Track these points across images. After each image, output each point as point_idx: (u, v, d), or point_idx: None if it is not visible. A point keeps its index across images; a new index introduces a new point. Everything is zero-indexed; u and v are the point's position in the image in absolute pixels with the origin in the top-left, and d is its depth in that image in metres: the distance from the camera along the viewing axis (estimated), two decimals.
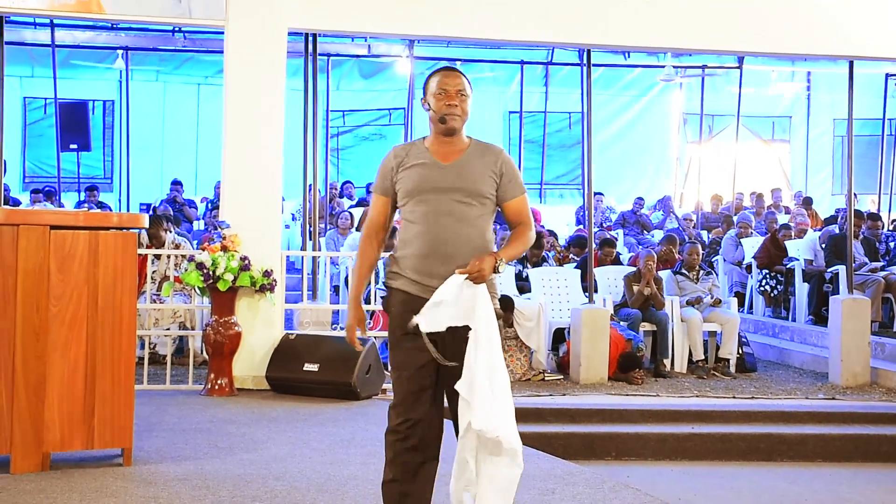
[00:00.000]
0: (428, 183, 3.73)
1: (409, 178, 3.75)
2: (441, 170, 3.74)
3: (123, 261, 5.03)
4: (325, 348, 7.48)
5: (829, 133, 18.58)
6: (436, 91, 3.77)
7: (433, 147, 3.81)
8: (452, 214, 3.70)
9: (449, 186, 3.72)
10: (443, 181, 3.72)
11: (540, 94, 16.82)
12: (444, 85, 3.77)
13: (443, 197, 3.72)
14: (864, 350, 9.00)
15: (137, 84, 15.46)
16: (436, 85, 3.78)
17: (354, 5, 7.90)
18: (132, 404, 5.07)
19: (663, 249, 10.56)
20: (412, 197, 3.75)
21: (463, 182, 3.73)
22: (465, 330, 3.59)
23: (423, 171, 3.75)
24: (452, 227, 3.70)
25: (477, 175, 3.75)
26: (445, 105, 3.75)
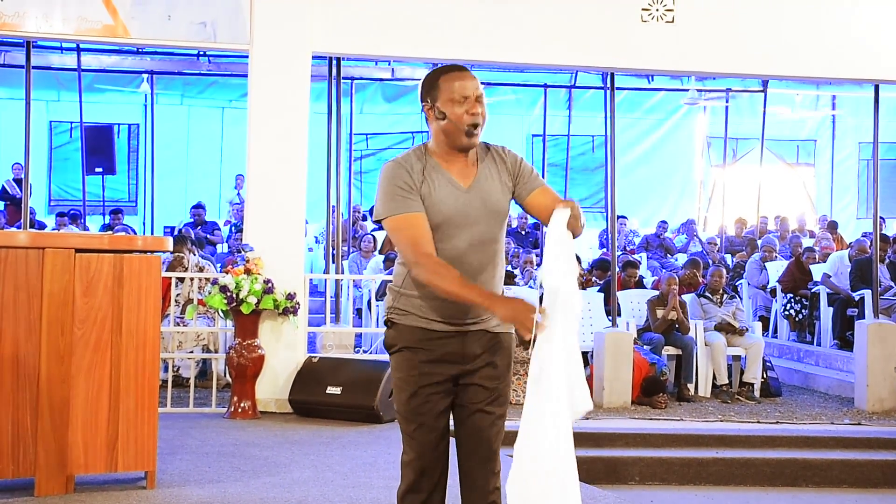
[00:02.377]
0: (455, 214, 3.18)
1: (433, 208, 3.17)
2: (465, 195, 3.21)
3: (148, 284, 5.04)
4: (348, 371, 7.49)
5: (855, 157, 18.51)
6: (454, 96, 3.19)
7: (446, 163, 3.24)
8: (480, 247, 3.21)
9: (475, 215, 3.20)
10: (468, 209, 3.20)
11: (563, 117, 16.83)
12: (464, 90, 3.19)
13: (469, 230, 3.20)
14: (890, 375, 8.91)
15: (162, 108, 15.60)
16: (453, 89, 3.19)
17: (378, 29, 7.95)
18: (156, 427, 5.06)
19: (687, 273, 10.52)
20: (440, 230, 3.18)
21: (487, 207, 3.22)
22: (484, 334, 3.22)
23: (448, 198, 3.19)
24: (480, 262, 3.22)
25: (498, 193, 3.24)
26: (469, 114, 3.19)
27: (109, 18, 7.52)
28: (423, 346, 3.22)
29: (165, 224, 14.52)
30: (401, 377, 3.27)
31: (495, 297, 3.11)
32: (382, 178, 3.22)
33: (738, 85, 15.89)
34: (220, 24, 7.72)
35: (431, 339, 3.22)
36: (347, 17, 7.89)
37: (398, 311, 3.27)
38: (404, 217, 3.16)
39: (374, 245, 12.64)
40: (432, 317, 3.21)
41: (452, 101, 3.19)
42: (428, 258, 3.13)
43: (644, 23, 8.08)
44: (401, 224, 3.16)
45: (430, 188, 3.19)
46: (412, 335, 3.24)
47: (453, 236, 3.19)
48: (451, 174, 3.23)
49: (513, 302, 3.04)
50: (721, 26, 8.24)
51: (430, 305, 3.21)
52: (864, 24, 8.41)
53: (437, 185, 3.20)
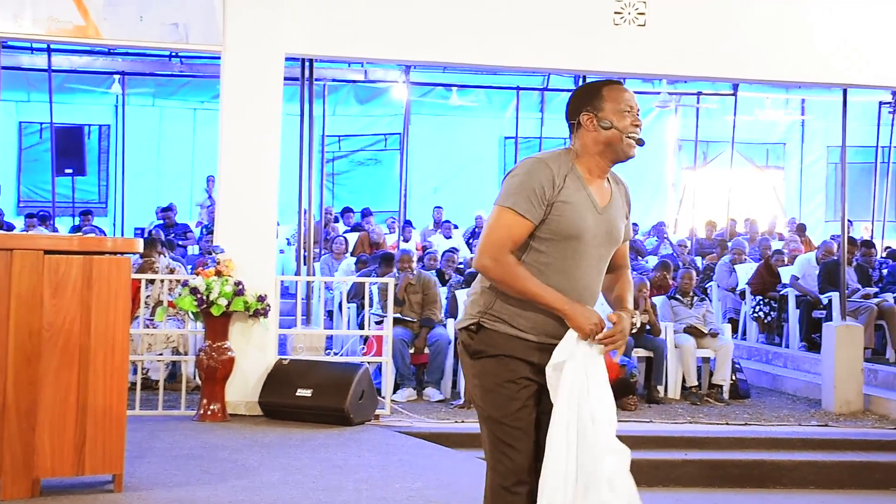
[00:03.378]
0: (588, 232, 3.16)
1: (569, 219, 3.13)
2: (599, 216, 3.19)
3: (117, 286, 5.00)
4: (319, 374, 7.47)
5: (823, 160, 18.69)
6: (622, 107, 3.17)
7: (589, 177, 3.21)
8: (595, 272, 3.23)
9: (602, 238, 3.20)
10: (598, 230, 3.18)
11: (536, 119, 16.85)
12: (630, 101, 3.19)
13: (594, 251, 3.20)
14: (857, 377, 9.00)
15: (133, 109, 15.53)
16: (619, 101, 3.18)
17: (351, 31, 7.94)
18: (124, 430, 5.03)
19: (657, 275, 10.58)
20: (565, 242, 3.15)
21: (612, 235, 3.23)
22: None
23: (586, 213, 3.15)
24: (592, 283, 3.22)
25: (620, 222, 3.27)
26: (633, 125, 3.19)
27: (80, 19, 7.46)
28: (518, 354, 3.18)
29: (136, 226, 14.45)
30: (499, 382, 3.18)
31: (576, 305, 3.12)
32: (525, 171, 3.15)
33: (708, 88, 16.01)
34: (193, 25, 7.68)
35: (523, 349, 3.18)
36: (320, 19, 7.87)
37: (492, 317, 3.20)
38: (520, 217, 3.12)
39: (346, 247, 12.63)
40: (527, 328, 3.17)
41: (620, 111, 3.18)
42: (510, 258, 3.12)
43: (616, 26, 8.11)
44: (511, 221, 3.12)
45: (571, 196, 3.15)
46: (507, 342, 3.18)
47: (582, 254, 3.17)
48: (595, 194, 3.20)
49: (588, 312, 3.10)
50: (692, 30, 8.28)
51: (530, 315, 3.16)
52: (832, 30, 8.48)
53: (577, 196, 3.16)
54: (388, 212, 16.39)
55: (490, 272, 3.15)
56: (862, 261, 11.32)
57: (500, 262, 3.11)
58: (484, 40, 8.09)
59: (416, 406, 8.40)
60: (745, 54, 8.43)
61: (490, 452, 3.22)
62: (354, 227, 14.80)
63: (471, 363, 3.24)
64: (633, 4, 8.07)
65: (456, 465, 6.27)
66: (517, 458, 3.16)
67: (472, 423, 7.74)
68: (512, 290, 3.13)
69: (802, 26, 8.46)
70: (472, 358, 3.23)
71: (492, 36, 8.08)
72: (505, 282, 3.13)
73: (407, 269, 9.17)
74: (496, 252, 3.12)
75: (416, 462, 6.24)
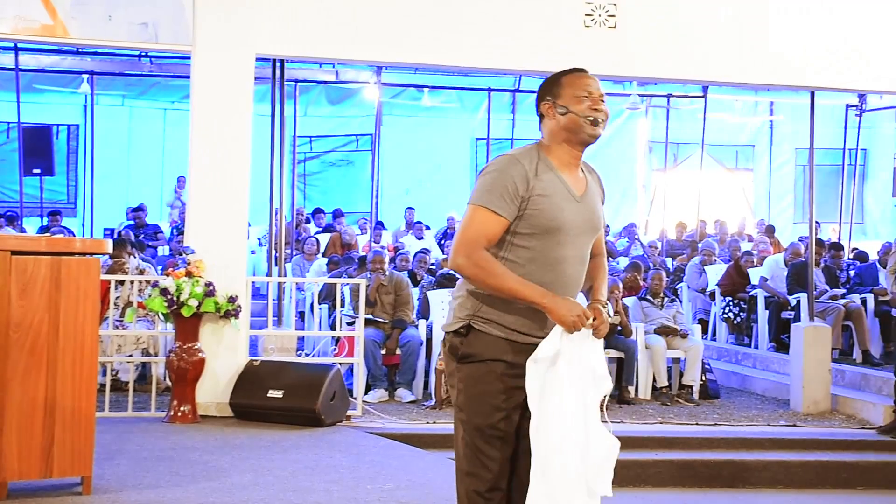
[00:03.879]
0: (567, 222, 3.15)
1: (547, 212, 3.12)
2: (577, 205, 3.19)
3: (86, 287, 4.97)
4: (290, 375, 7.45)
5: (792, 162, 18.86)
6: (578, 93, 3.18)
7: (562, 166, 3.21)
8: (579, 261, 3.21)
9: (583, 226, 3.20)
10: (579, 219, 3.18)
11: (507, 121, 16.91)
12: (588, 87, 3.20)
13: (576, 240, 3.19)
14: (824, 377, 9.08)
15: (103, 108, 15.41)
16: (577, 86, 3.20)
17: (322, 32, 7.92)
18: (93, 432, 4.99)
19: (628, 276, 10.64)
20: (546, 235, 3.14)
21: (594, 222, 3.24)
22: None
23: (564, 204, 3.15)
24: (576, 276, 3.21)
25: (600, 210, 3.28)
26: (592, 108, 3.19)
27: (48, 18, 7.39)
28: (507, 357, 3.14)
29: (105, 226, 14.34)
30: (484, 391, 3.14)
31: (556, 297, 3.07)
32: (497, 168, 3.14)
33: (679, 90, 16.09)
34: (162, 24, 7.63)
35: (513, 351, 3.14)
36: (292, 20, 7.84)
37: (481, 319, 3.16)
38: (493, 215, 3.10)
39: (318, 248, 12.60)
40: (516, 327, 3.14)
41: (576, 97, 3.19)
42: (484, 254, 3.09)
43: (587, 28, 8.14)
44: (485, 219, 3.10)
45: (546, 189, 3.14)
46: (496, 346, 3.15)
47: (564, 244, 3.16)
48: (567, 179, 3.20)
49: (570, 304, 3.07)
50: (662, 32, 8.33)
51: (517, 315, 3.13)
52: (800, 33, 8.55)
53: (553, 187, 3.16)
54: (359, 213, 16.37)
55: (464, 270, 3.11)
56: (830, 262, 11.43)
57: (473, 259, 3.08)
58: (455, 41, 8.10)
59: (388, 407, 8.40)
60: (715, 57, 8.49)
61: (466, 458, 3.19)
62: (326, 228, 14.77)
63: (457, 367, 3.20)
64: (603, 7, 8.11)
65: (427, 466, 6.28)
66: (494, 466, 3.15)
67: (443, 423, 7.75)
68: (487, 288, 3.10)
69: (771, 30, 8.53)
70: (460, 362, 3.19)
71: (463, 37, 8.09)
72: (479, 278, 3.09)
73: (379, 269, 9.17)
74: (469, 250, 3.09)
75: (387, 463, 6.24)
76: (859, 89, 11.01)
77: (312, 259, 12.14)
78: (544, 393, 3.06)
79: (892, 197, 15.65)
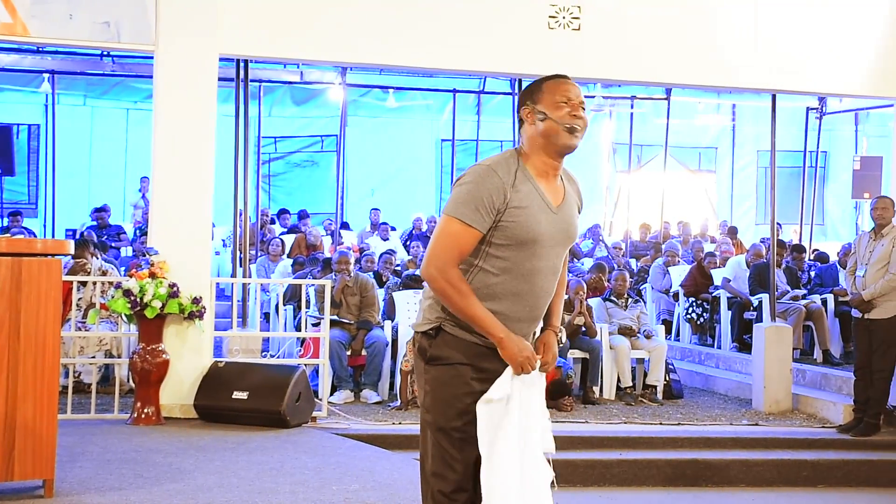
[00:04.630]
0: (543, 234, 3.15)
1: (523, 224, 3.11)
2: (553, 216, 3.18)
3: (48, 288, 4.94)
4: (255, 376, 7.42)
5: (754, 164, 19.05)
6: (557, 100, 3.16)
7: (540, 175, 3.20)
8: (552, 272, 3.22)
9: (559, 238, 3.21)
10: (554, 231, 3.19)
11: (472, 122, 16.96)
12: (568, 93, 3.17)
13: (550, 252, 3.19)
14: (786, 377, 9.16)
15: (64, 108, 15.29)
16: (557, 92, 3.18)
17: (287, 32, 7.90)
18: (55, 434, 4.96)
19: (593, 277, 10.69)
20: (521, 247, 3.14)
21: (570, 233, 3.26)
22: None
23: (540, 216, 3.15)
24: (548, 287, 3.23)
25: (576, 220, 3.30)
26: (571, 115, 3.17)
27: (8, 16, 7.32)
28: (475, 361, 3.15)
29: (67, 227, 14.20)
30: (451, 394, 3.14)
31: (511, 335, 3.11)
32: (473, 179, 3.11)
33: (642, 92, 16.21)
34: (125, 23, 7.58)
35: (481, 355, 3.15)
36: (256, 19, 7.82)
37: (451, 322, 3.15)
38: (468, 229, 3.09)
39: (283, 249, 12.55)
40: None
41: (556, 103, 3.17)
42: (456, 273, 3.10)
43: (551, 30, 8.19)
44: (459, 231, 3.09)
45: (523, 201, 3.12)
46: (466, 349, 3.15)
47: (539, 256, 3.16)
48: (544, 190, 3.19)
49: (522, 344, 3.11)
50: (626, 35, 8.39)
51: None
52: (762, 36, 8.65)
53: (530, 199, 3.14)
54: (324, 214, 16.33)
55: (434, 283, 3.11)
56: (792, 264, 11.55)
57: (446, 274, 3.08)
58: (421, 43, 8.11)
59: (354, 408, 8.39)
60: (678, 59, 8.57)
61: (433, 458, 3.19)
62: (291, 229, 14.72)
63: (425, 368, 3.20)
64: (567, 9, 8.16)
65: (393, 466, 6.28)
66: (459, 467, 3.16)
67: (409, 424, 7.75)
68: (452, 306, 3.10)
69: (734, 33, 8.63)
70: (428, 363, 3.19)
71: (428, 39, 8.11)
72: (447, 295, 3.09)
73: (344, 270, 9.15)
74: (442, 263, 3.09)
75: (353, 464, 6.23)
76: (819, 92, 11.14)
77: (277, 260, 12.10)
78: (496, 438, 3.09)
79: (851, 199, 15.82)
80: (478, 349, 3.15)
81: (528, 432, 3.15)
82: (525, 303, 3.16)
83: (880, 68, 8.84)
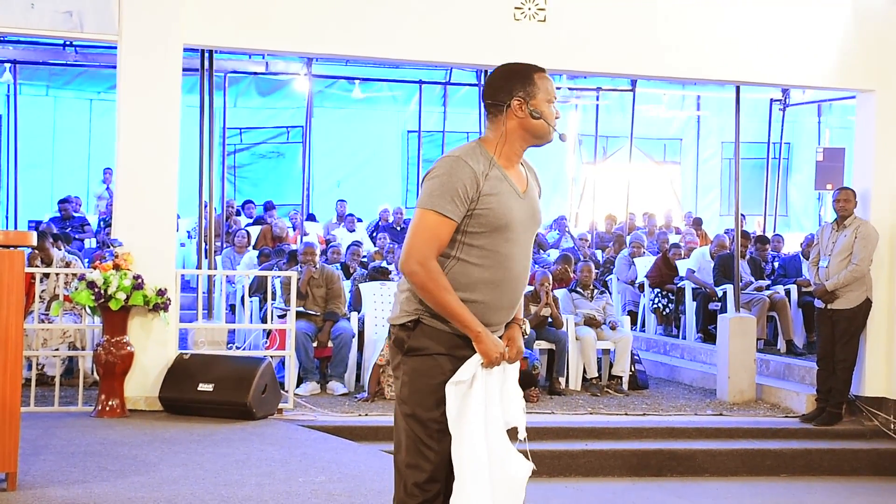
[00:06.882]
0: (515, 220, 3.18)
1: (496, 210, 3.15)
2: (522, 201, 3.22)
3: (10, 280, 4.91)
4: (221, 368, 7.40)
5: (718, 155, 19.19)
6: (549, 97, 3.21)
7: (506, 164, 3.22)
8: (525, 257, 3.26)
9: (528, 222, 3.25)
10: (525, 216, 3.22)
11: (439, 113, 16.96)
12: (553, 91, 3.23)
13: (522, 237, 3.22)
14: (749, 367, 9.25)
15: (26, 98, 15.14)
16: (547, 90, 3.21)
17: (252, 22, 7.86)
18: (18, 427, 4.94)
19: (559, 269, 10.74)
20: (496, 233, 3.17)
21: (534, 218, 3.28)
22: None
23: (512, 202, 3.18)
24: (524, 272, 3.27)
25: (539, 205, 3.32)
26: (555, 116, 3.23)
27: None
28: (452, 351, 3.18)
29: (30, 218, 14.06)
30: (430, 384, 3.16)
31: (487, 333, 3.15)
32: (446, 171, 3.12)
33: (608, 84, 16.27)
34: (87, 13, 7.51)
35: (458, 347, 3.18)
36: (220, 9, 7.77)
37: (429, 314, 3.17)
38: (445, 220, 3.12)
39: (248, 240, 12.50)
40: None
41: (548, 101, 3.21)
42: (436, 266, 3.12)
43: (517, 21, 8.20)
44: (436, 223, 3.11)
45: (494, 188, 3.15)
46: (443, 340, 3.17)
47: (512, 242, 3.19)
48: (510, 177, 3.21)
49: (497, 342, 3.18)
50: (591, 26, 8.42)
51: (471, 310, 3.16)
52: (727, 28, 8.72)
53: (500, 186, 3.17)
54: (290, 205, 16.27)
55: (415, 277, 3.11)
56: (755, 254, 11.66)
57: (427, 268, 3.10)
58: (386, 34, 8.10)
59: (320, 400, 8.38)
60: (643, 51, 8.61)
61: (408, 449, 3.20)
62: (257, 221, 14.66)
63: (402, 359, 3.22)
64: (533, 1, 8.17)
65: (359, 458, 6.29)
66: (434, 457, 3.17)
67: (375, 416, 7.77)
68: (432, 300, 3.12)
69: (698, 25, 8.68)
70: (406, 354, 3.21)
71: (394, 29, 8.10)
72: (429, 289, 3.11)
73: (310, 262, 9.13)
74: (423, 257, 3.10)
75: (319, 456, 6.24)
76: (783, 84, 11.25)
77: (243, 251, 12.05)
78: (462, 414, 3.12)
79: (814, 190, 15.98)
80: (454, 339, 3.17)
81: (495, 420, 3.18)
82: (504, 290, 3.20)
83: (842, 61, 8.93)
